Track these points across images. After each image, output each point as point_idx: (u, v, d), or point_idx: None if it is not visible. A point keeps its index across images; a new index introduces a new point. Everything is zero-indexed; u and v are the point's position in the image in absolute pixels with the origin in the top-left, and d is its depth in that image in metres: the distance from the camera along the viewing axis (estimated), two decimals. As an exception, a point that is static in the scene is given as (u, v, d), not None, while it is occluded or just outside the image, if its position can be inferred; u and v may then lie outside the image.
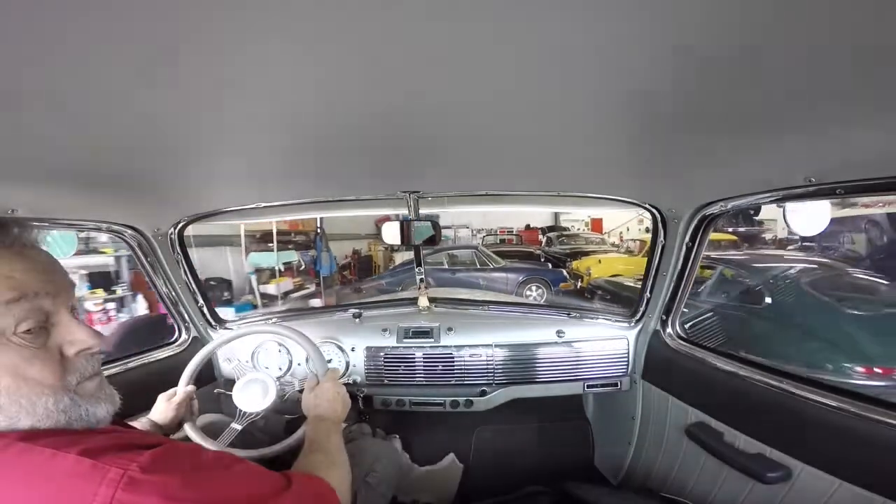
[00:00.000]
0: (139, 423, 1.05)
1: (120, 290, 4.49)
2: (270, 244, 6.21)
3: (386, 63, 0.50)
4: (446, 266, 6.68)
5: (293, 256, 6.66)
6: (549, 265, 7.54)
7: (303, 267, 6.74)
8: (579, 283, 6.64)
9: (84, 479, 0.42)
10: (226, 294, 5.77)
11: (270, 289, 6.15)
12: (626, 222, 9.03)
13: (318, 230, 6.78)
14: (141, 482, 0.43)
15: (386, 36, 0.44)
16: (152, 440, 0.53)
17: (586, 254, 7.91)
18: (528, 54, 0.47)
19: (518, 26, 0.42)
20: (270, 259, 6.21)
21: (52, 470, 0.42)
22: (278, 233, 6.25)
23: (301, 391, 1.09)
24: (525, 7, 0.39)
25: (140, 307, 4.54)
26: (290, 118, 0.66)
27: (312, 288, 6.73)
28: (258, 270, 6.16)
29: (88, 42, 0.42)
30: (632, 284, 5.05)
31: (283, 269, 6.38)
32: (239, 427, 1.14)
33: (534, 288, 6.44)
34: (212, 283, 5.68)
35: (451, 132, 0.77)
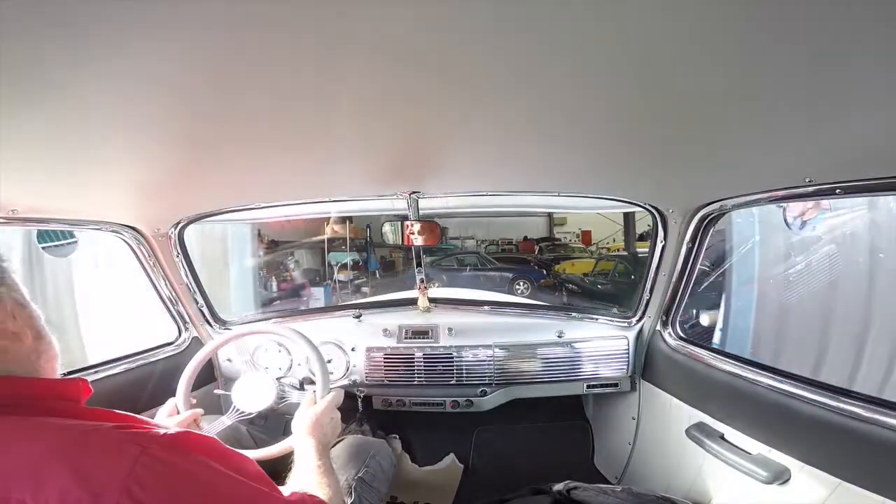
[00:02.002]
0: None
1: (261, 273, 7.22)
2: (343, 246, 8.76)
3: (386, 64, 0.50)
4: (455, 267, 9.29)
5: (357, 256, 9.10)
6: (536, 267, 9.66)
7: (360, 263, 9.27)
8: (556, 281, 8.94)
9: (110, 451, 0.46)
10: (316, 278, 8.44)
11: (341, 277, 8.53)
12: (613, 234, 10.45)
13: (368, 238, 8.93)
14: (161, 459, 0.47)
15: (386, 38, 0.44)
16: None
17: (567, 258, 10.08)
18: (529, 56, 0.47)
19: (518, 27, 0.42)
20: (344, 257, 8.69)
21: (85, 442, 0.47)
22: (340, 239, 8.79)
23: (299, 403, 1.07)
24: (525, 8, 0.39)
25: (273, 285, 7.38)
26: (291, 117, 0.66)
27: (364, 279, 9.45)
28: (339, 265, 8.58)
29: (88, 42, 0.42)
30: (582, 276, 8.60)
31: (350, 264, 8.95)
32: (229, 421, 1.13)
33: (521, 283, 8.54)
34: (308, 272, 8.38)
35: (451, 133, 0.77)
